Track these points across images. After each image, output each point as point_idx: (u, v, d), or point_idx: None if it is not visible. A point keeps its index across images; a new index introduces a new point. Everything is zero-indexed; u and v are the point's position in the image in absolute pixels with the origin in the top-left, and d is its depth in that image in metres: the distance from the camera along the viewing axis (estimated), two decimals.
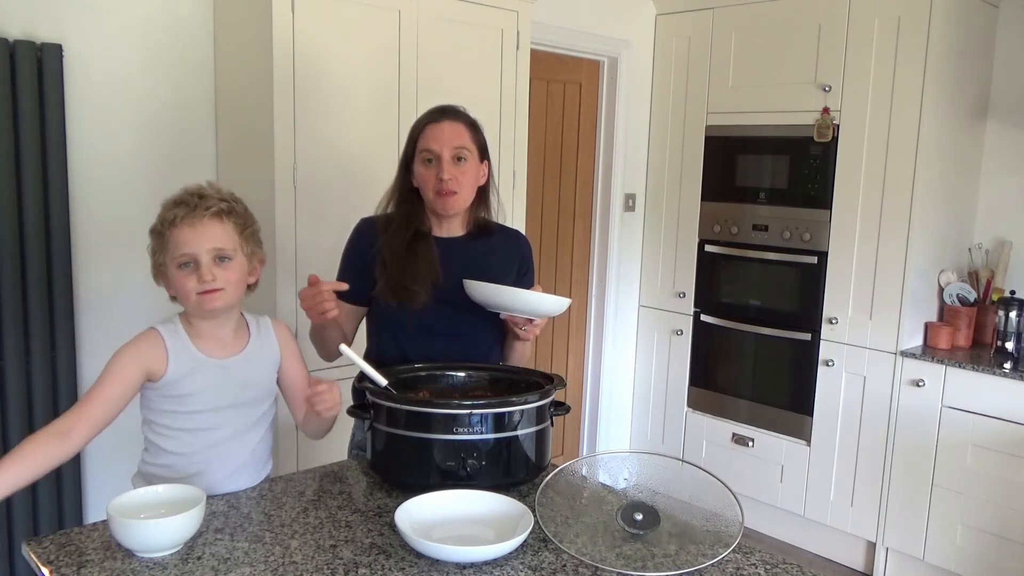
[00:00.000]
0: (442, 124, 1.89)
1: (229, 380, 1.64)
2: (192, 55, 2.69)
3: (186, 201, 1.56)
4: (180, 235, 1.53)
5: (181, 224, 1.54)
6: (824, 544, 3.58)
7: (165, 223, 1.56)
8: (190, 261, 1.54)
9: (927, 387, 3.15)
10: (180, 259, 1.54)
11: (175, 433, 1.63)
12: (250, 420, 1.68)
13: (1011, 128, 3.39)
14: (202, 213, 1.54)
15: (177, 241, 1.54)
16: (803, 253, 3.51)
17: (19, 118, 2.30)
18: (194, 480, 1.60)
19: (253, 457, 1.70)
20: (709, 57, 3.77)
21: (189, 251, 1.54)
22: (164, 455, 1.64)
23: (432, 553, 1.33)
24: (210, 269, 1.55)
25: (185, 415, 1.62)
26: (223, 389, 1.63)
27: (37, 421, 2.40)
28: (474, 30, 2.96)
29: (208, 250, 1.55)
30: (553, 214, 3.85)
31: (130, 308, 2.59)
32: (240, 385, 1.65)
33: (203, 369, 1.61)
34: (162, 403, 1.62)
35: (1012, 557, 2.98)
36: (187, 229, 1.53)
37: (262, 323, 1.73)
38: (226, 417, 1.64)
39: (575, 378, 4.09)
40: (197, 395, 1.60)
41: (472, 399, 1.70)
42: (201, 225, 1.54)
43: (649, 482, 1.66)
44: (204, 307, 1.56)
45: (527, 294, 1.80)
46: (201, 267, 1.54)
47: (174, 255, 1.55)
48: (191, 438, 1.63)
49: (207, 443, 1.63)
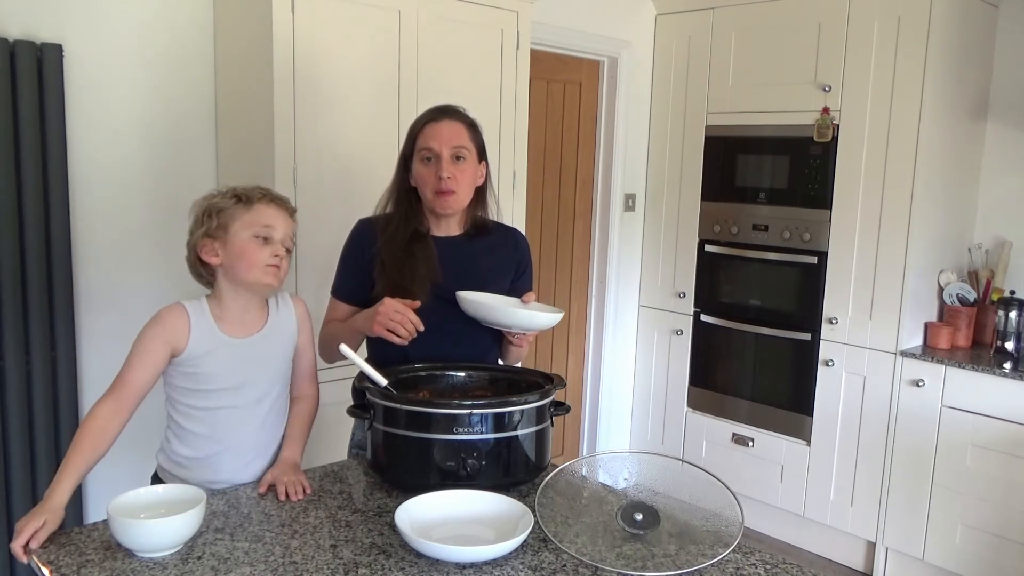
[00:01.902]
0: (441, 123, 1.89)
1: (245, 360, 1.68)
2: (192, 55, 2.69)
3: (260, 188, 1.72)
4: (265, 212, 1.67)
5: (267, 203, 1.69)
6: (824, 544, 3.58)
7: (244, 199, 1.67)
8: (267, 236, 1.66)
9: (927, 387, 3.15)
10: (260, 232, 1.66)
11: (191, 411, 1.67)
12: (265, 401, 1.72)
13: (1011, 128, 3.39)
14: (285, 204, 1.72)
15: (261, 215, 1.67)
16: (803, 253, 3.51)
17: (19, 118, 2.30)
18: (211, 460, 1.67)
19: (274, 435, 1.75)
20: (709, 57, 3.77)
21: (273, 224, 1.67)
22: (183, 433, 1.69)
23: (432, 553, 1.33)
24: (279, 248, 1.69)
25: (201, 393, 1.66)
26: (239, 369, 1.68)
27: (37, 421, 2.40)
28: (474, 30, 2.96)
29: (285, 233, 1.70)
30: (553, 214, 3.85)
31: (130, 308, 2.59)
32: (256, 366, 1.70)
33: (221, 349, 1.66)
34: (179, 379, 1.66)
35: (1012, 557, 2.98)
36: (273, 209, 1.69)
37: (282, 299, 1.79)
38: (241, 397, 1.68)
39: (575, 378, 4.09)
40: (213, 374, 1.65)
41: (472, 399, 1.70)
42: (282, 211, 1.70)
43: (649, 482, 1.66)
44: (263, 281, 1.67)
45: (518, 312, 1.82)
46: (275, 244, 1.67)
47: (253, 226, 1.66)
48: (206, 416, 1.67)
49: (222, 421, 1.67)
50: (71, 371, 2.47)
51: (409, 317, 1.76)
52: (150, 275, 2.64)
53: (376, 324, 1.77)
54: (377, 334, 1.79)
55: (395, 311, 1.76)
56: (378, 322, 1.77)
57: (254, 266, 1.65)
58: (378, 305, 1.79)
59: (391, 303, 1.77)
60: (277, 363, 1.74)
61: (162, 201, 2.64)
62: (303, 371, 1.82)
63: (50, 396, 2.43)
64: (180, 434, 1.69)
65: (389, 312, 1.76)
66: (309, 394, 1.84)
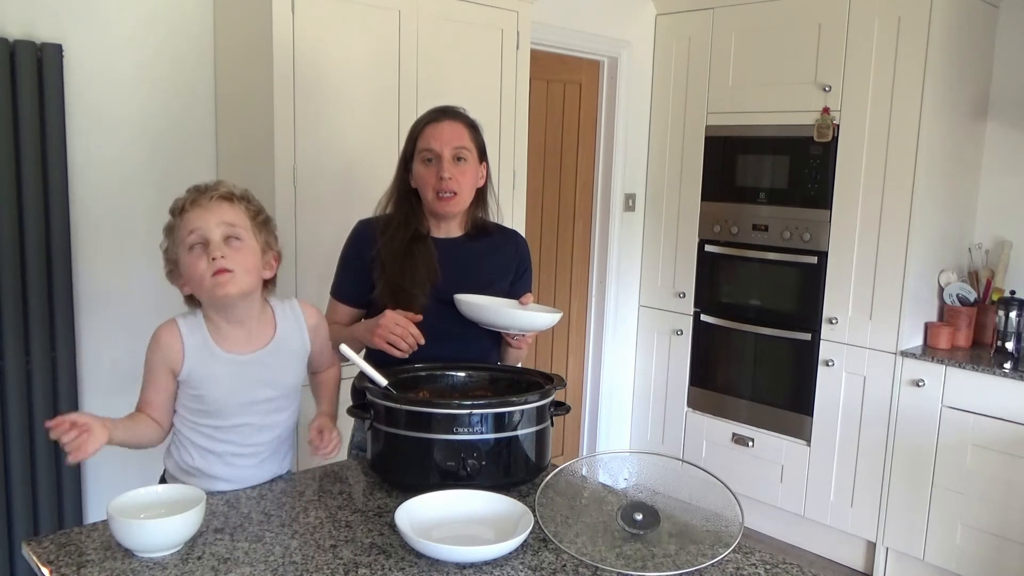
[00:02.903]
0: (442, 124, 1.89)
1: (250, 378, 1.60)
2: (192, 55, 2.69)
3: (196, 187, 1.55)
4: (189, 218, 1.50)
5: (191, 207, 1.50)
6: (824, 544, 3.58)
7: (175, 211, 1.53)
8: (199, 242, 1.49)
9: (927, 387, 3.15)
10: (190, 241, 1.49)
11: (200, 427, 1.62)
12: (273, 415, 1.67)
13: (1011, 128, 3.39)
14: (211, 194, 1.52)
15: (187, 224, 1.50)
16: (803, 253, 3.51)
17: (19, 118, 2.30)
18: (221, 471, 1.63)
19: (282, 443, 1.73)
20: (709, 57, 3.77)
21: (197, 227, 1.49)
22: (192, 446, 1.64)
23: (432, 553, 1.33)
24: (220, 247, 1.49)
25: (208, 413, 1.61)
26: (243, 388, 1.60)
27: (37, 421, 2.40)
28: (474, 30, 2.96)
29: (217, 225, 1.50)
30: (553, 214, 3.85)
31: (130, 308, 2.59)
32: (263, 383, 1.62)
33: (221, 366, 1.58)
34: (187, 400, 1.61)
35: (1012, 557, 2.98)
36: (196, 210, 1.50)
37: (290, 308, 1.69)
38: (247, 415, 1.63)
39: (575, 378, 4.09)
40: (215, 393, 1.58)
41: (472, 399, 1.70)
42: (211, 205, 1.51)
43: (649, 482, 1.66)
44: (217, 292, 1.50)
45: (516, 313, 1.82)
46: (211, 244, 1.49)
47: (184, 239, 1.50)
48: (215, 433, 1.62)
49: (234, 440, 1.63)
50: (71, 371, 2.47)
51: (410, 331, 1.76)
52: (150, 275, 2.63)
53: (376, 337, 1.77)
54: (378, 346, 1.78)
55: (396, 324, 1.76)
56: (379, 335, 1.77)
57: (201, 282, 1.50)
58: (379, 317, 1.79)
59: (392, 316, 1.77)
60: (289, 378, 1.66)
61: (162, 201, 2.59)
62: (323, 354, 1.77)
63: (50, 396, 2.43)
64: (189, 446, 1.64)
65: (390, 325, 1.76)
66: (332, 363, 1.83)
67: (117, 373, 2.57)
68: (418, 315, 1.80)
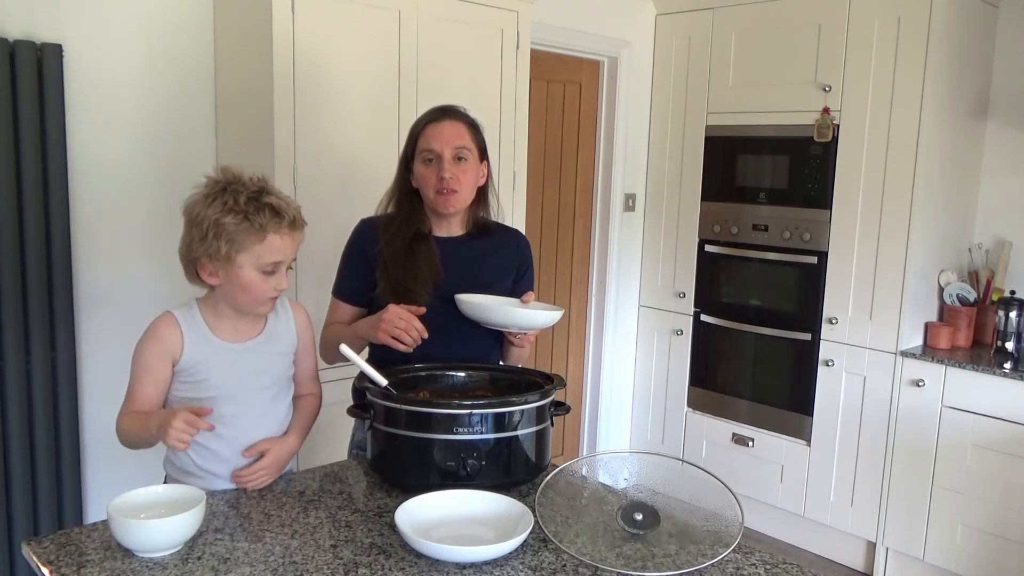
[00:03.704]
0: (443, 124, 1.89)
1: (245, 365, 1.65)
2: (192, 55, 2.69)
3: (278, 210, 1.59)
4: (277, 243, 1.58)
5: (278, 232, 1.58)
6: (824, 544, 3.58)
7: (263, 225, 1.57)
8: (274, 269, 1.60)
9: (927, 387, 3.15)
10: (266, 266, 1.59)
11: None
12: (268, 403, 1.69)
13: (1011, 128, 3.39)
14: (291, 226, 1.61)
15: (273, 248, 1.58)
16: (803, 253, 3.51)
17: (19, 118, 2.30)
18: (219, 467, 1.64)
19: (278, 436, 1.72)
20: (709, 57, 3.77)
21: (277, 259, 1.60)
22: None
23: (432, 553, 1.33)
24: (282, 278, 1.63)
25: (203, 402, 1.62)
26: (239, 374, 1.64)
27: (37, 421, 2.40)
28: (474, 30, 2.96)
29: (288, 261, 1.63)
30: (553, 214, 3.85)
31: (130, 308, 2.59)
32: (256, 371, 1.67)
33: (218, 354, 1.63)
34: (181, 389, 1.63)
35: (1012, 557, 2.98)
36: (283, 240, 1.59)
37: (281, 307, 1.74)
38: (244, 402, 1.65)
39: (575, 378, 4.09)
40: (213, 381, 1.62)
41: (472, 399, 1.70)
42: (290, 237, 1.61)
43: (649, 482, 1.65)
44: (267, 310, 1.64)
45: (518, 311, 1.82)
46: (278, 275, 1.62)
47: (263, 259, 1.58)
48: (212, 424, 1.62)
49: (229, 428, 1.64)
50: (71, 371, 2.47)
51: (414, 324, 1.75)
52: (150, 275, 2.64)
53: (380, 331, 1.76)
54: (381, 341, 1.78)
55: (400, 318, 1.75)
56: (383, 329, 1.76)
57: (256, 300, 1.61)
58: (382, 312, 1.78)
59: (396, 310, 1.76)
60: (277, 368, 1.71)
61: (162, 201, 2.64)
62: (305, 374, 1.80)
63: (50, 396, 2.43)
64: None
65: (394, 319, 1.75)
66: (312, 392, 1.84)
67: (117, 373, 2.56)
68: (421, 308, 1.79)
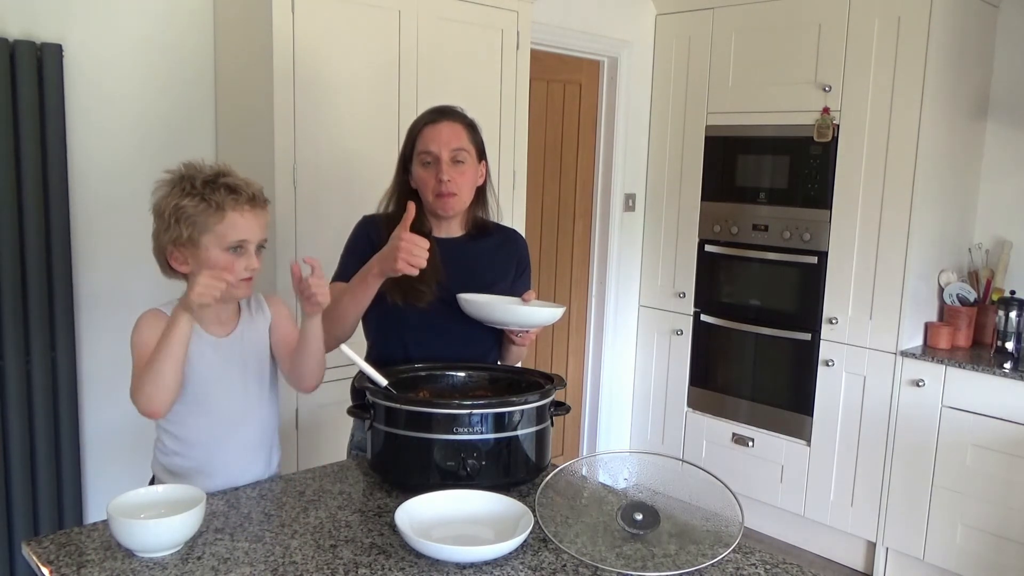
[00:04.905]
0: (440, 125, 1.89)
1: (230, 355, 1.68)
2: (192, 55, 2.69)
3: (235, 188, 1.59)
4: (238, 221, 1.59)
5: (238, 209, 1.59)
6: (824, 544, 3.58)
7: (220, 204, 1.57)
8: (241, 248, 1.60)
9: (927, 387, 3.15)
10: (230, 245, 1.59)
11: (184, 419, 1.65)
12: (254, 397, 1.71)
13: (1011, 128, 3.39)
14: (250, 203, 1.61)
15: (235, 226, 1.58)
16: (803, 253, 3.51)
17: (19, 118, 2.30)
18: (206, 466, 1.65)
19: (264, 437, 1.74)
20: (709, 57, 3.77)
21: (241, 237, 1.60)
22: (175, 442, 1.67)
23: (432, 553, 1.33)
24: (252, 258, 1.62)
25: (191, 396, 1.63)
26: (226, 365, 1.66)
27: (37, 421, 2.40)
28: (474, 30, 2.96)
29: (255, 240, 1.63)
30: (553, 214, 3.85)
31: (130, 308, 2.57)
32: (241, 359, 1.69)
33: (205, 347, 1.64)
34: None
35: (1012, 557, 2.98)
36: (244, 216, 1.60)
37: (255, 302, 1.76)
38: (231, 394, 1.67)
39: (575, 378, 4.09)
40: (201, 372, 1.63)
41: (472, 399, 1.70)
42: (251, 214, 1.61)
43: (649, 482, 1.65)
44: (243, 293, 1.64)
45: (521, 309, 1.82)
46: (247, 255, 1.61)
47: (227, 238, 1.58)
48: (198, 420, 1.65)
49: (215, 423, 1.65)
50: (71, 371, 2.47)
51: (422, 245, 1.70)
52: (150, 275, 2.59)
53: (400, 261, 1.69)
54: (401, 272, 1.71)
55: (415, 244, 1.69)
56: (401, 259, 1.69)
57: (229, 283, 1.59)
58: (393, 241, 1.71)
59: (410, 236, 1.69)
60: (257, 361, 1.72)
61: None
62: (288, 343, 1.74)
63: (50, 396, 2.43)
64: (172, 443, 1.67)
65: (411, 247, 1.68)
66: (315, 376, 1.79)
67: (117, 373, 2.57)
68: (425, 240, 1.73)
